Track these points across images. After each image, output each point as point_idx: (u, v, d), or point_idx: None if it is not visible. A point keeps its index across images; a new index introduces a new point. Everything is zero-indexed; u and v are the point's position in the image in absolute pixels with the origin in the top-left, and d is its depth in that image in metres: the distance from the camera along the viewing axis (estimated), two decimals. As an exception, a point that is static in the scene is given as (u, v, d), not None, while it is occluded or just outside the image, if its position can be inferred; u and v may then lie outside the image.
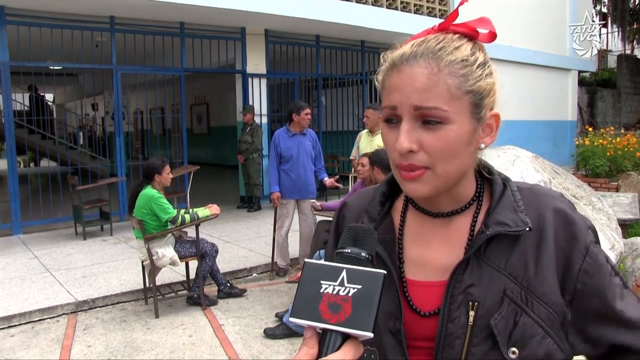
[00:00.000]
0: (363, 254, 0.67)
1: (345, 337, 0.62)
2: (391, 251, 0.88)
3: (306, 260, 0.68)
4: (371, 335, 0.61)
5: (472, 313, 0.79)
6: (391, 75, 0.80)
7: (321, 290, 0.64)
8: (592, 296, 0.80)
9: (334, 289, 0.64)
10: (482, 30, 0.82)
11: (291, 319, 0.64)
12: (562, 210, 0.83)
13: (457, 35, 0.81)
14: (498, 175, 0.89)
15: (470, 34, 0.82)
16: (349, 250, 0.68)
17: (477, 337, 0.79)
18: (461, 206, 0.87)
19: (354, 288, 0.63)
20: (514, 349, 0.78)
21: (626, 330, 0.81)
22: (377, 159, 4.24)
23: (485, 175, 0.90)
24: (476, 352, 0.79)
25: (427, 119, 0.76)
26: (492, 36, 0.83)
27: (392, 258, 0.87)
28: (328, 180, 5.52)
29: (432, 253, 0.87)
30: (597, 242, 0.83)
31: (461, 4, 0.85)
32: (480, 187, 0.89)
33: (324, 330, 0.63)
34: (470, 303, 0.80)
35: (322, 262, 0.67)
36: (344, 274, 0.64)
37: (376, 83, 0.87)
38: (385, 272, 0.64)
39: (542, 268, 0.80)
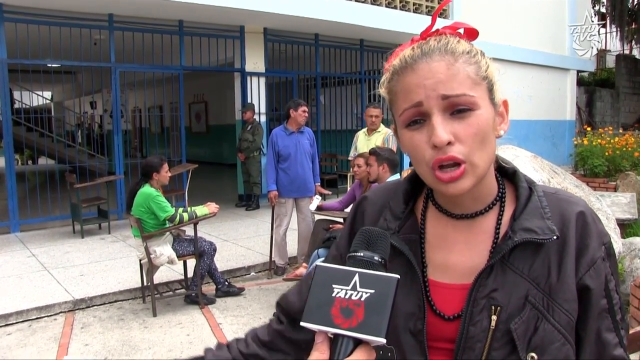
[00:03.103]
0: (376, 258, 0.66)
1: (357, 343, 0.61)
2: (416, 252, 0.88)
3: (318, 263, 0.67)
4: (384, 341, 0.60)
5: (494, 317, 0.79)
6: (405, 76, 0.79)
7: (333, 295, 0.63)
8: (580, 303, 0.81)
9: (346, 293, 0.62)
10: (461, 31, 0.85)
11: (302, 324, 0.63)
12: (583, 218, 0.83)
13: (449, 35, 0.82)
14: (523, 178, 0.88)
15: (455, 34, 0.83)
16: (362, 254, 0.67)
17: (497, 341, 0.79)
18: (484, 207, 0.86)
19: (366, 292, 0.62)
20: (532, 354, 0.77)
21: (586, 345, 0.82)
22: (389, 156, 4.24)
23: (506, 175, 0.89)
24: (496, 356, 0.79)
25: (457, 108, 0.76)
26: (472, 33, 0.84)
27: (417, 259, 0.87)
28: (319, 186, 5.54)
29: (456, 256, 0.86)
30: (607, 259, 0.83)
31: (440, 7, 0.85)
32: (502, 187, 0.88)
33: (336, 335, 0.62)
34: (493, 307, 0.80)
35: (334, 265, 0.66)
36: (356, 278, 0.63)
37: (382, 93, 0.86)
38: (398, 276, 0.63)
39: (565, 275, 0.80)
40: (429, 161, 0.78)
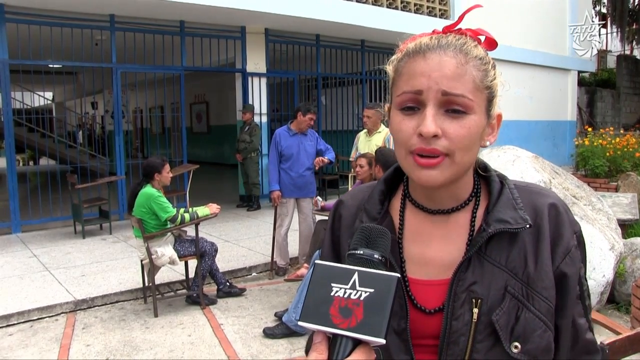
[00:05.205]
0: (376, 256, 0.65)
1: (357, 343, 0.60)
2: (394, 250, 0.89)
3: (317, 261, 0.66)
4: (383, 341, 0.59)
5: (475, 310, 0.80)
6: (414, 61, 0.80)
7: (332, 294, 0.62)
8: (557, 291, 0.83)
9: (345, 293, 0.61)
10: (481, 38, 0.86)
11: (300, 323, 0.62)
12: (555, 208, 0.86)
13: (469, 37, 0.84)
14: (494, 173, 0.90)
15: (475, 39, 0.84)
16: (361, 252, 0.65)
17: (480, 333, 0.80)
18: (460, 203, 0.87)
19: (366, 292, 0.61)
20: (516, 343, 0.79)
21: (564, 331, 0.84)
22: (382, 158, 4.23)
23: (480, 173, 0.91)
24: (480, 349, 0.80)
25: (452, 107, 0.78)
26: (491, 44, 0.85)
27: (395, 257, 0.88)
28: (319, 159, 5.33)
29: (433, 251, 0.87)
30: (577, 248, 0.86)
31: (468, 11, 0.86)
32: (477, 184, 0.90)
33: (335, 335, 0.61)
34: (474, 300, 0.81)
35: (333, 263, 0.64)
36: (355, 276, 0.62)
37: (388, 71, 0.87)
38: (399, 275, 0.62)
39: (542, 263, 0.82)
40: (410, 147, 0.79)
